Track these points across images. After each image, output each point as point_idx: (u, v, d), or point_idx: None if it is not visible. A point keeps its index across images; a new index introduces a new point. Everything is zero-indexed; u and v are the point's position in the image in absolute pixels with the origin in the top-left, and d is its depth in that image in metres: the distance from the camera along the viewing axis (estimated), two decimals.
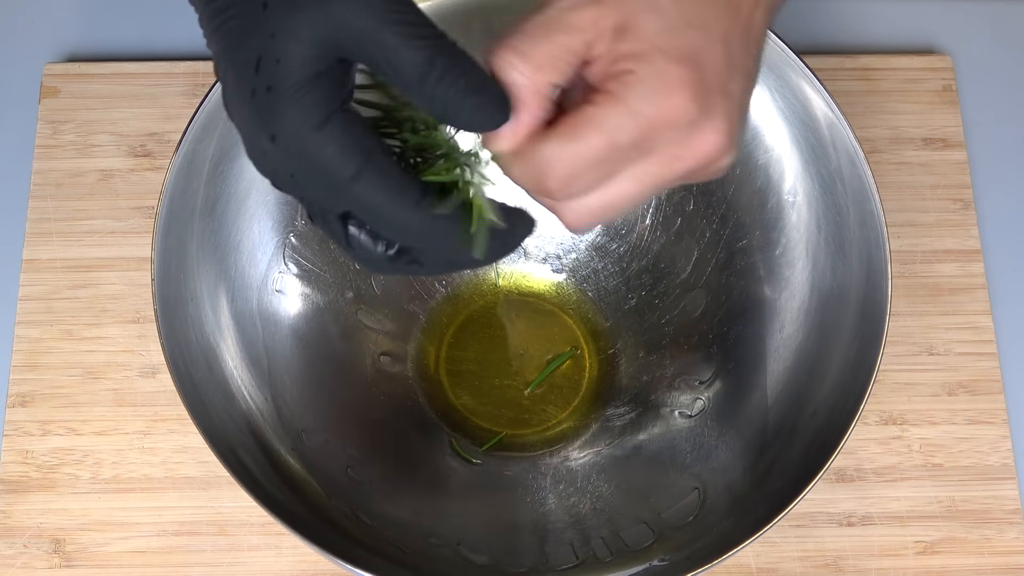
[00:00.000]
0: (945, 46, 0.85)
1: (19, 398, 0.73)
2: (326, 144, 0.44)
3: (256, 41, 0.44)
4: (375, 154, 0.44)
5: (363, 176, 0.44)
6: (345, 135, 0.44)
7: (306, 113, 0.43)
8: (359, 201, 0.45)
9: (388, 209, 0.44)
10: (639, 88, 0.44)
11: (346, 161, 0.44)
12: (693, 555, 0.61)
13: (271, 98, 0.44)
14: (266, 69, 0.44)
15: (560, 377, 0.74)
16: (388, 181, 0.44)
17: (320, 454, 0.66)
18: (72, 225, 0.77)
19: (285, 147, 0.44)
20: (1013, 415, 0.75)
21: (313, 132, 0.43)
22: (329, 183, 0.44)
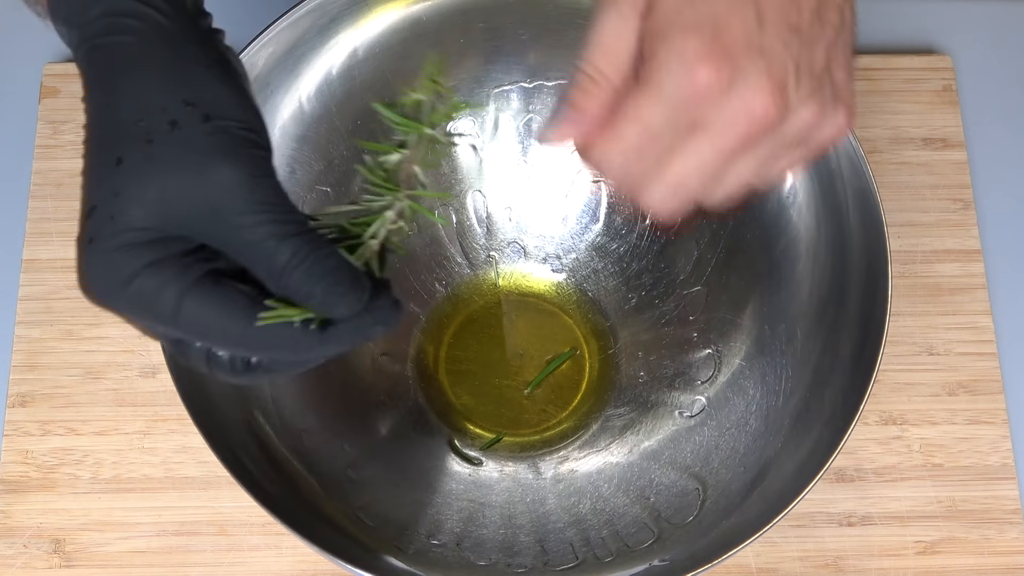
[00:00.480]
0: (945, 46, 0.85)
1: (19, 398, 0.73)
2: (136, 296, 0.43)
3: (98, 192, 0.43)
4: (191, 289, 0.43)
5: (182, 313, 0.43)
6: (154, 280, 0.43)
7: (116, 270, 0.43)
8: (188, 334, 0.44)
9: (219, 334, 0.43)
10: (661, 70, 0.43)
11: (162, 305, 0.43)
12: (693, 555, 0.61)
13: (90, 249, 0.44)
14: (97, 221, 0.43)
15: (560, 377, 0.74)
16: (209, 310, 0.43)
17: (320, 454, 0.66)
18: (72, 225, 0.76)
19: (98, 297, 0.44)
20: (1013, 415, 0.75)
21: (122, 288, 0.43)
22: (155, 325, 0.44)
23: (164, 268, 0.43)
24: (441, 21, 0.68)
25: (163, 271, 0.43)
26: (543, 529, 0.67)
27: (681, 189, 0.45)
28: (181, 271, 0.43)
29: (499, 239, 0.75)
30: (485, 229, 0.75)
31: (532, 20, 0.69)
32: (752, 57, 0.43)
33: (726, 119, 0.43)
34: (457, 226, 0.75)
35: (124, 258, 0.43)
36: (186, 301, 0.43)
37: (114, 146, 0.43)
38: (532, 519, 0.68)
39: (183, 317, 0.43)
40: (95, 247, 0.43)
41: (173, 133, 0.42)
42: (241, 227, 0.42)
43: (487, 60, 0.70)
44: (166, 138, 0.42)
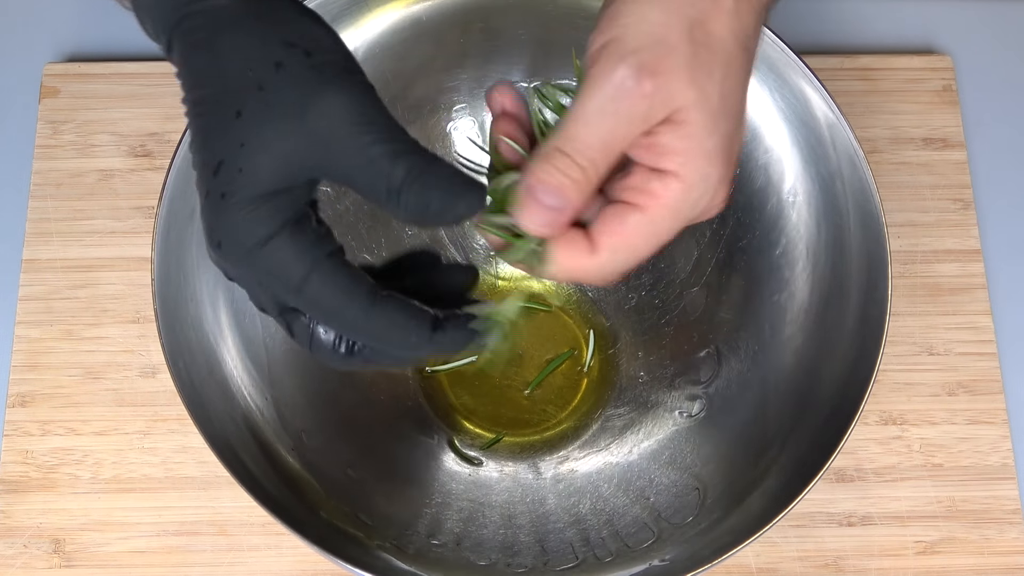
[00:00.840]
0: (945, 46, 0.85)
1: (19, 398, 0.73)
2: (270, 257, 0.44)
3: (222, 146, 0.44)
4: (322, 262, 0.44)
5: (308, 284, 0.44)
6: (288, 248, 0.44)
7: (254, 228, 0.43)
8: (307, 305, 0.45)
9: (337, 313, 0.45)
10: (688, 194, 0.46)
11: (292, 271, 0.44)
12: (693, 555, 0.61)
13: (223, 205, 0.44)
14: (225, 175, 0.44)
15: (560, 377, 0.74)
16: (337, 286, 0.44)
17: (320, 454, 0.66)
18: (72, 225, 0.77)
19: (230, 256, 0.44)
20: (1013, 415, 0.75)
21: (257, 248, 0.43)
22: (277, 290, 0.45)
23: (299, 235, 0.44)
24: (441, 21, 0.68)
25: (297, 238, 0.44)
26: (543, 529, 0.67)
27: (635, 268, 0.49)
28: (316, 241, 0.44)
29: None
30: None
31: (532, 20, 0.69)
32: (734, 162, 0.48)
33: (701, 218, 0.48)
34: (457, 226, 0.75)
35: (260, 216, 0.43)
36: (315, 273, 0.44)
37: (230, 100, 0.44)
38: (532, 519, 0.68)
39: (309, 288, 0.44)
40: (228, 203, 0.44)
41: (280, 74, 0.44)
42: (356, 149, 0.44)
43: (487, 60, 0.70)
44: (275, 81, 0.44)
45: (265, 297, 0.46)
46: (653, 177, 0.46)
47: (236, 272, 0.45)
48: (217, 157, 0.44)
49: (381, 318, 0.45)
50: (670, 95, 0.45)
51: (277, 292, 0.45)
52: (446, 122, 0.72)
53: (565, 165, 0.45)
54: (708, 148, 0.46)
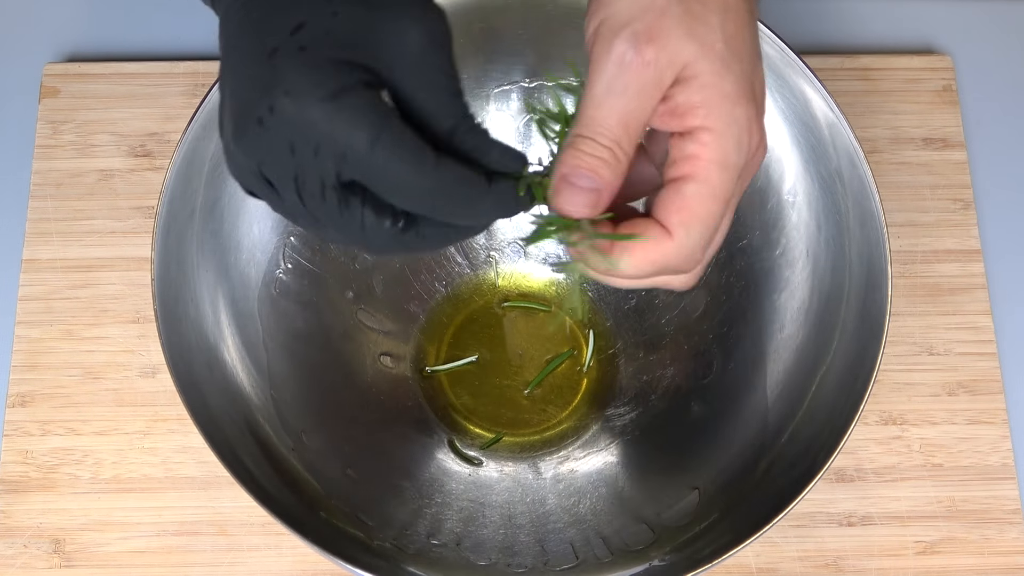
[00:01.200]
0: (945, 46, 0.85)
1: (19, 398, 0.73)
2: (340, 111, 0.43)
3: (311, 10, 0.44)
4: (392, 120, 0.44)
5: (380, 142, 0.44)
6: (362, 102, 0.44)
7: (330, 77, 0.43)
8: (374, 168, 0.44)
9: (405, 174, 0.44)
10: (725, 141, 0.46)
11: (364, 127, 0.44)
12: (693, 555, 0.61)
13: (298, 56, 0.43)
14: (309, 33, 0.44)
15: (560, 377, 0.74)
16: (405, 146, 0.44)
17: (320, 454, 0.66)
18: (72, 225, 0.77)
19: (295, 111, 0.43)
20: (1013, 415, 0.75)
21: (329, 99, 0.43)
22: (342, 150, 0.44)
23: (372, 93, 0.44)
24: None
25: (372, 95, 0.44)
26: (543, 529, 0.67)
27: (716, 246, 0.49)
28: (382, 103, 0.44)
29: (499, 239, 0.75)
30: None
31: (532, 20, 0.69)
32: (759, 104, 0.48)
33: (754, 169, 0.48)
34: None
35: (339, 70, 0.44)
36: (384, 133, 0.44)
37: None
38: (532, 519, 0.68)
39: (380, 146, 0.44)
40: (306, 54, 0.44)
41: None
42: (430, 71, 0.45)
43: (487, 60, 0.70)
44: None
45: (309, 180, 0.45)
46: (686, 140, 0.46)
47: (296, 137, 0.44)
48: (300, 19, 0.44)
49: (447, 175, 0.45)
50: (672, 55, 0.45)
51: (343, 154, 0.44)
52: None
53: (590, 147, 0.45)
54: (727, 91, 0.45)
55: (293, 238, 0.69)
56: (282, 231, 0.69)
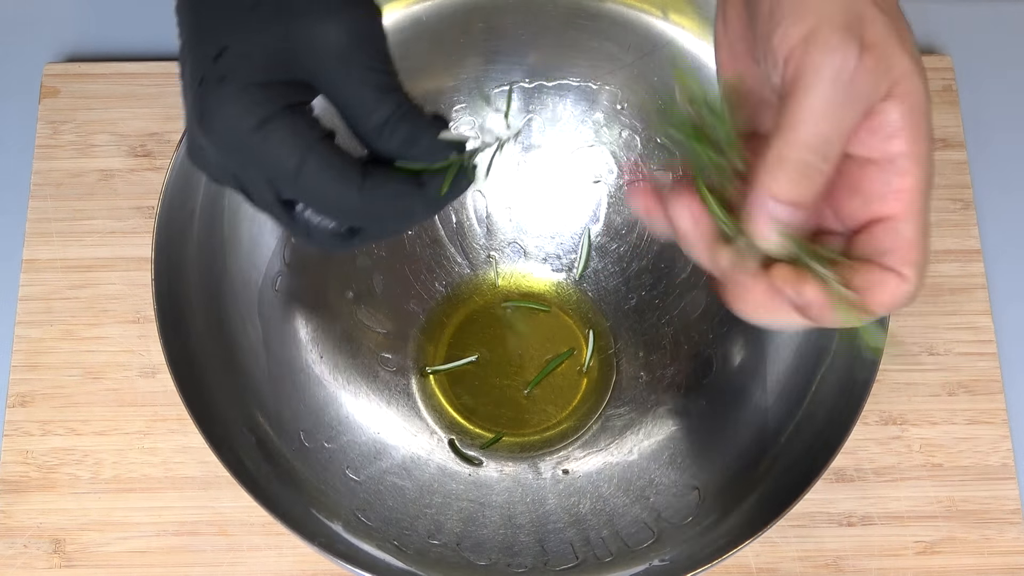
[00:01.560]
0: (945, 46, 0.85)
1: (19, 398, 0.73)
2: (265, 140, 0.44)
3: (231, 33, 0.45)
4: (316, 146, 0.45)
5: (305, 169, 0.45)
6: (285, 130, 0.44)
7: (250, 109, 0.44)
8: (303, 191, 0.46)
9: (334, 197, 0.45)
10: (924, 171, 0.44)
11: (288, 155, 0.44)
12: (693, 555, 0.61)
13: (221, 88, 0.44)
14: (227, 61, 0.44)
15: (559, 377, 0.74)
16: (330, 171, 0.45)
17: (320, 454, 0.66)
18: (72, 225, 0.77)
19: (225, 141, 0.45)
20: (1013, 415, 0.75)
21: (253, 131, 0.44)
22: (271, 176, 0.45)
23: (295, 119, 0.45)
24: (441, 21, 0.68)
25: (294, 121, 0.44)
26: (543, 529, 0.67)
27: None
28: (311, 125, 0.45)
29: (499, 239, 0.75)
30: (485, 229, 0.75)
31: (532, 20, 0.69)
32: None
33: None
34: (457, 226, 0.75)
35: (260, 98, 0.44)
36: (308, 159, 0.44)
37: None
38: (532, 519, 0.68)
39: (305, 173, 0.45)
40: (227, 86, 0.44)
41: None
42: (353, 68, 0.45)
43: (487, 60, 0.70)
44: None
45: (257, 188, 0.46)
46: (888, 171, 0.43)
47: (230, 160, 0.45)
48: (221, 44, 0.45)
49: (375, 193, 0.46)
50: (889, 65, 0.43)
51: (273, 179, 0.45)
52: None
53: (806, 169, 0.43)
54: (925, 109, 0.43)
55: (293, 238, 0.69)
56: (282, 231, 0.69)
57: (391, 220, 0.47)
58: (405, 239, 0.73)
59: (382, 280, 0.73)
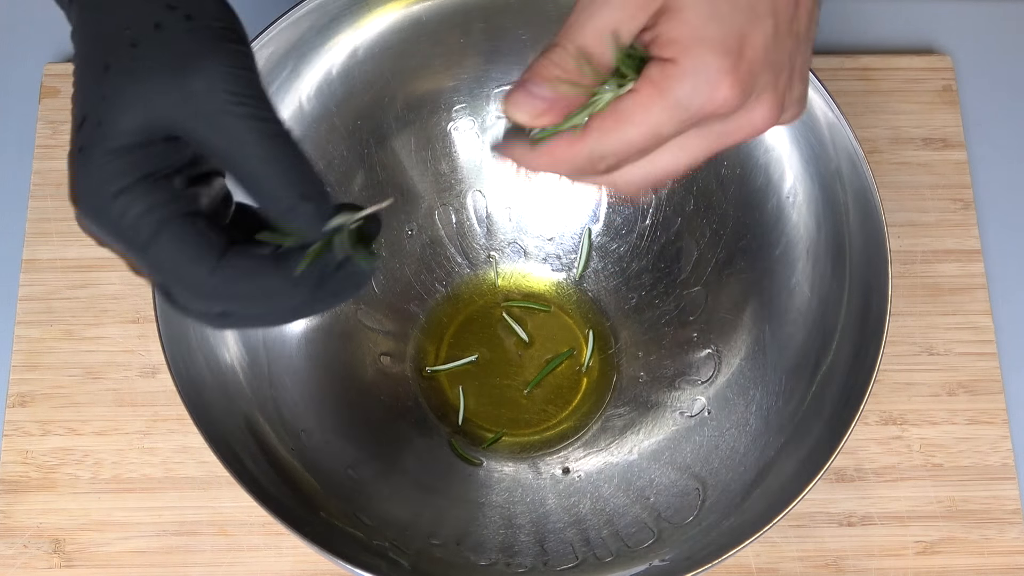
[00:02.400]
0: (945, 46, 0.85)
1: (19, 398, 0.73)
2: (120, 213, 0.43)
3: (87, 100, 0.44)
4: (170, 223, 0.43)
5: (153, 246, 0.43)
6: (139, 204, 0.43)
7: (108, 180, 0.43)
8: (155, 269, 0.44)
9: (183, 276, 0.44)
10: (683, 81, 0.44)
11: (139, 230, 0.43)
12: (693, 555, 0.61)
13: (81, 159, 0.43)
14: (87, 129, 0.43)
15: (560, 377, 0.74)
16: (182, 249, 0.43)
17: (320, 454, 0.66)
18: (72, 225, 0.76)
19: (86, 212, 0.44)
20: (1013, 415, 0.75)
21: (108, 202, 0.43)
22: (126, 249, 0.44)
23: (154, 191, 0.43)
24: (441, 21, 0.68)
25: (151, 194, 0.43)
26: (543, 529, 0.67)
27: (660, 178, 0.47)
28: (168, 199, 0.43)
29: (499, 239, 0.75)
30: (485, 229, 0.75)
31: (532, 20, 0.69)
32: (766, 73, 0.45)
33: (725, 130, 0.46)
34: (457, 226, 0.75)
35: (115, 168, 0.43)
36: (163, 232, 0.43)
37: (102, 56, 0.44)
38: (532, 519, 0.68)
39: (154, 250, 0.43)
40: (85, 156, 0.43)
41: (157, 35, 0.43)
42: (222, 118, 0.43)
43: (487, 60, 0.70)
44: (150, 40, 0.43)
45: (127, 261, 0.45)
46: (654, 65, 0.44)
47: (99, 232, 0.44)
48: (82, 112, 0.44)
49: (228, 275, 0.43)
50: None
51: (127, 253, 0.44)
52: (446, 122, 0.72)
53: (559, 55, 0.45)
54: (705, 36, 0.44)
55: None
56: None
57: (252, 302, 0.45)
58: (405, 239, 0.73)
59: (382, 280, 0.73)
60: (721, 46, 0.44)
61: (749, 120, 0.46)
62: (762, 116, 0.46)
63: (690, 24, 0.44)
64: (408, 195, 0.73)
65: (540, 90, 0.45)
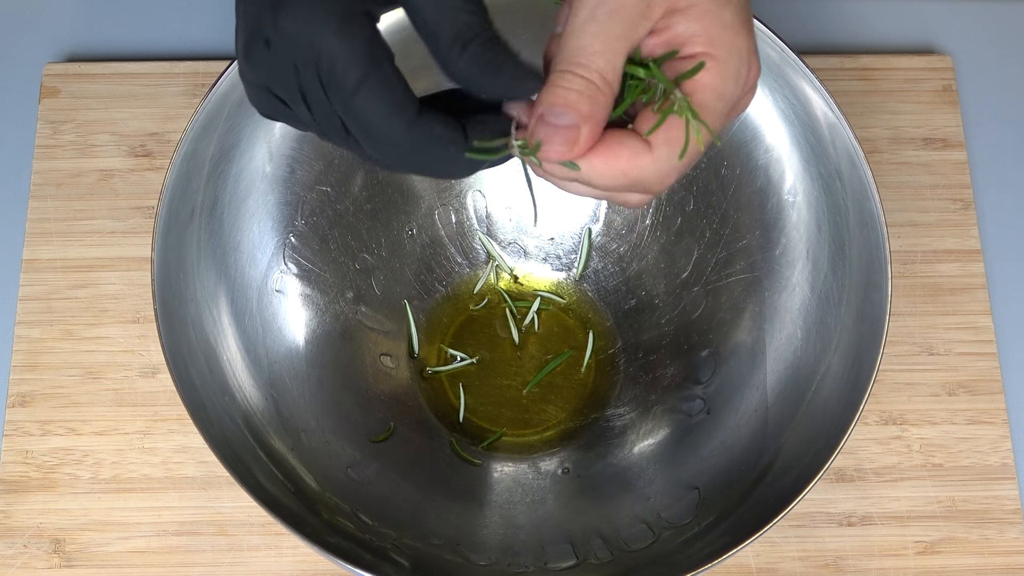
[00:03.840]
0: (945, 46, 0.85)
1: (19, 398, 0.73)
2: (342, 40, 0.42)
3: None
4: (383, 65, 0.43)
5: (363, 88, 0.43)
6: (360, 37, 0.42)
7: (311, 17, 0.42)
8: (355, 111, 0.43)
9: (379, 125, 0.43)
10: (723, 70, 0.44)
11: (353, 67, 0.42)
12: (693, 555, 0.61)
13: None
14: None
15: (560, 377, 0.74)
16: (387, 97, 0.43)
17: (320, 454, 0.66)
18: (72, 225, 0.77)
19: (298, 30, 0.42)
20: (1013, 415, 0.75)
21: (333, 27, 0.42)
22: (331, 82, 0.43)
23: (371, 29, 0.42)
24: None
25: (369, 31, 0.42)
26: (543, 529, 0.67)
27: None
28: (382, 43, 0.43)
29: (499, 239, 0.75)
30: (485, 229, 0.75)
31: (532, 20, 0.68)
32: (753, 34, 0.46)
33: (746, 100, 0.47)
34: (457, 226, 0.75)
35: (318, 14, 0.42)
36: (373, 75, 0.43)
37: None
38: (532, 519, 0.68)
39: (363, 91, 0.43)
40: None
41: None
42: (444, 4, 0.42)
43: None
44: None
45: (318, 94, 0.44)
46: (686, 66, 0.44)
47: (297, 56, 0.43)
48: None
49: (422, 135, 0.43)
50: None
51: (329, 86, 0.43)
52: None
53: (568, 80, 0.43)
54: (727, 20, 0.44)
55: (293, 238, 0.69)
56: (282, 231, 0.69)
57: (428, 167, 0.45)
58: (405, 239, 0.73)
59: (382, 280, 0.73)
60: (741, 26, 0.44)
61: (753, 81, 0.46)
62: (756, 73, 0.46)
63: (709, 14, 0.44)
64: (408, 195, 0.73)
65: (566, 118, 0.43)
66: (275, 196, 0.68)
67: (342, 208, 0.71)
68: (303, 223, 0.69)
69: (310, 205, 0.69)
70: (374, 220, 0.72)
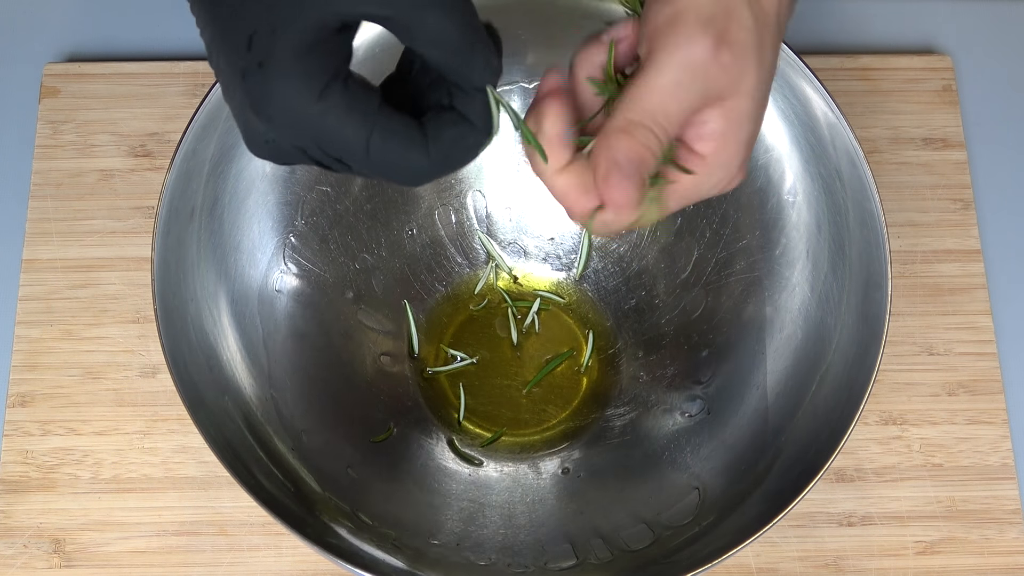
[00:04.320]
0: (945, 46, 0.85)
1: (19, 398, 0.73)
2: (327, 115, 0.43)
3: (251, 15, 0.43)
4: (377, 118, 0.44)
5: (372, 146, 0.44)
6: (342, 107, 0.43)
7: (304, 85, 0.43)
8: (374, 167, 0.44)
9: (403, 167, 0.45)
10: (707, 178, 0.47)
11: (353, 135, 0.43)
12: (693, 555, 0.61)
13: (265, 74, 0.43)
14: (260, 44, 0.43)
15: (560, 377, 0.74)
16: (396, 141, 0.44)
17: (320, 454, 0.66)
18: (72, 225, 0.77)
19: (285, 125, 0.43)
20: (1013, 415, 0.75)
21: (312, 105, 0.43)
22: (340, 155, 0.44)
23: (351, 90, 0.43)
24: None
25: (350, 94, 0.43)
26: (543, 529, 0.67)
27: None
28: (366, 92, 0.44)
29: (499, 239, 0.75)
30: (485, 229, 0.75)
31: (532, 20, 0.69)
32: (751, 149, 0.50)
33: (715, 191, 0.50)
34: (457, 226, 0.75)
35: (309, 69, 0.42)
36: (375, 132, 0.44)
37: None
38: (532, 519, 0.68)
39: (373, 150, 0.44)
40: (269, 69, 0.43)
41: None
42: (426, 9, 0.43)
43: None
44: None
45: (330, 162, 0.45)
46: (682, 155, 0.47)
47: (297, 139, 0.44)
48: (248, 30, 0.43)
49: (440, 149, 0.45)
50: (742, 72, 0.45)
51: (342, 158, 0.44)
52: None
53: (648, 138, 0.45)
54: (742, 138, 0.46)
55: (293, 238, 0.69)
56: (282, 231, 0.69)
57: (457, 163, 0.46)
58: (405, 239, 0.73)
59: (382, 280, 0.73)
60: (747, 145, 0.47)
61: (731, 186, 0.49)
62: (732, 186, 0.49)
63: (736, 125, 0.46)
64: (408, 195, 0.73)
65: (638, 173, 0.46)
66: (275, 196, 0.68)
67: (342, 208, 0.71)
68: (303, 223, 0.69)
69: (310, 205, 0.69)
70: (374, 220, 0.72)
